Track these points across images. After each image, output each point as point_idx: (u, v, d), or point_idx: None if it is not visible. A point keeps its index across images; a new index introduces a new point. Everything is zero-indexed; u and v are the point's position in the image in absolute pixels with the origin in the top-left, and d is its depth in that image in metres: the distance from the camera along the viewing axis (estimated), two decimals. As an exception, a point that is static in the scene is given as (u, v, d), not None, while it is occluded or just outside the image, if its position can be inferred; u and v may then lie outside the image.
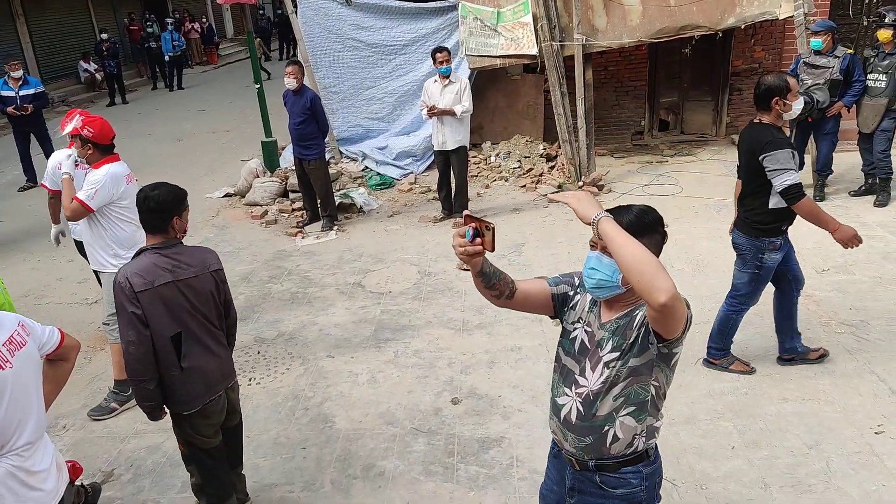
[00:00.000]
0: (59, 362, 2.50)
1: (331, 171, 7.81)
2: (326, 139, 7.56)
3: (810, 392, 4.06)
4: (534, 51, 7.91)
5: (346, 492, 3.54)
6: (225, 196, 8.61)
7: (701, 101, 9.51)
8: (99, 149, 4.05)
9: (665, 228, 2.09)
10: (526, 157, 8.70)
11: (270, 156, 8.84)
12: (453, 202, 7.24)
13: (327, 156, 7.56)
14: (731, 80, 9.23)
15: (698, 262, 5.85)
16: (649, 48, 8.80)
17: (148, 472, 3.81)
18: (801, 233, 6.18)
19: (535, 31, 7.88)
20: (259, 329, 5.29)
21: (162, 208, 2.85)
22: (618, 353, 2.04)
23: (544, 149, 8.81)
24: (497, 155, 8.92)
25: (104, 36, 16.66)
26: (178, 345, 2.88)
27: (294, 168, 7.58)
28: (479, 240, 1.96)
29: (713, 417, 3.88)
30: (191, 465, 3.15)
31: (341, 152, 8.98)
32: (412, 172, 8.71)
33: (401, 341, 4.98)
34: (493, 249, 2.00)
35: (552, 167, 8.48)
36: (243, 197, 8.35)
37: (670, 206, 7.05)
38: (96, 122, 4.04)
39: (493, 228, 1.96)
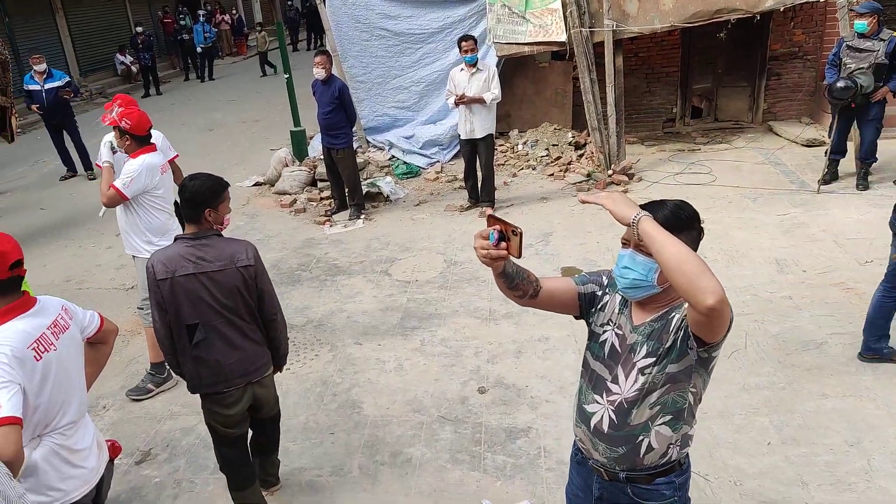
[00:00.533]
0: (98, 345, 2.55)
1: (358, 160, 7.82)
2: (354, 128, 7.56)
3: (851, 388, 3.95)
4: (563, 37, 7.79)
5: (374, 477, 3.55)
6: (255, 185, 8.69)
7: (736, 87, 9.30)
8: (136, 139, 4.13)
9: (701, 224, 1.98)
10: (554, 146, 8.60)
11: (299, 145, 8.89)
12: (480, 191, 7.19)
13: (355, 145, 7.57)
14: (769, 64, 8.99)
15: (732, 252, 5.72)
16: (682, 33, 8.61)
17: (183, 452, 3.88)
18: (841, 223, 6.06)
19: (564, 17, 7.76)
20: (289, 316, 5.28)
21: (195, 199, 2.86)
22: (653, 359, 1.94)
23: (573, 137, 8.70)
24: (524, 143, 8.83)
25: (139, 29, 16.94)
26: (192, 334, 2.89)
27: (322, 157, 7.61)
28: (503, 244, 1.85)
29: (748, 412, 3.79)
30: (214, 448, 3.22)
31: (368, 141, 8.98)
32: (438, 161, 8.68)
33: (427, 329, 4.97)
34: (519, 255, 1.87)
35: (581, 155, 8.37)
36: (272, 186, 8.41)
37: (703, 195, 6.90)
38: (134, 114, 4.11)
39: (521, 233, 1.84)
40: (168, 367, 3.07)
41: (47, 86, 9.19)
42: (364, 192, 7.50)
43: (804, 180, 7.13)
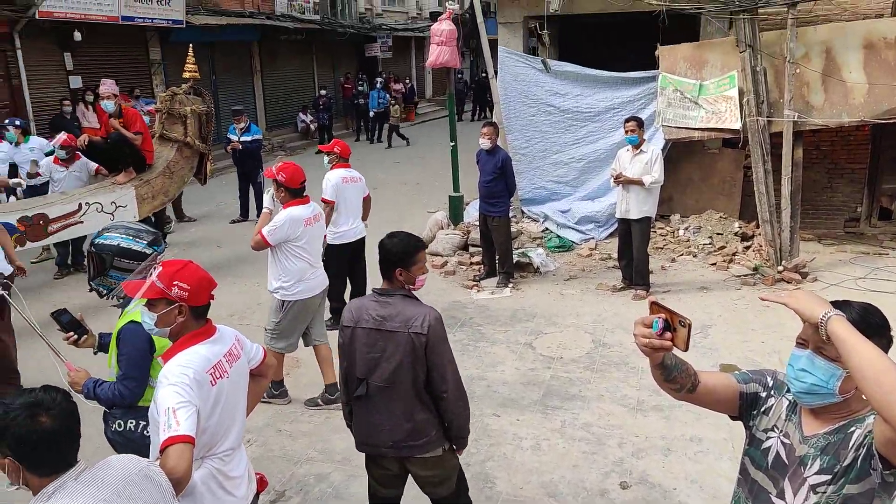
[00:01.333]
0: (258, 377, 2.66)
1: (512, 229, 7.89)
2: (511, 198, 7.68)
3: None
4: (737, 125, 7.52)
5: (502, 560, 3.40)
6: (434, 246, 8.98)
7: (934, 191, 8.43)
8: (289, 192, 4.61)
9: (892, 333, 1.78)
10: (718, 234, 8.19)
11: (456, 209, 9.15)
12: (633, 273, 6.96)
13: (510, 214, 7.67)
14: (974, 170, 8.10)
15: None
16: (872, 129, 8.00)
17: (314, 499, 3.95)
18: None
19: (741, 104, 7.50)
20: (429, 377, 5.36)
21: (387, 257, 2.92)
22: (829, 476, 1.73)
23: (740, 227, 8.24)
24: (686, 229, 8.49)
25: (323, 91, 18.62)
26: (357, 387, 2.93)
27: (477, 223, 7.76)
28: (668, 334, 1.74)
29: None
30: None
31: (523, 212, 9.07)
32: (593, 238, 8.55)
33: (569, 411, 4.79)
34: (686, 349, 1.75)
35: (748, 247, 7.89)
36: (426, 246, 8.67)
37: (892, 305, 6.19)
38: (289, 169, 4.62)
39: (690, 325, 1.72)
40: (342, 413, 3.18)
41: (243, 139, 10.34)
42: (514, 261, 7.53)
43: None
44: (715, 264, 7.61)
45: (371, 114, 19.60)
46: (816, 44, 7.52)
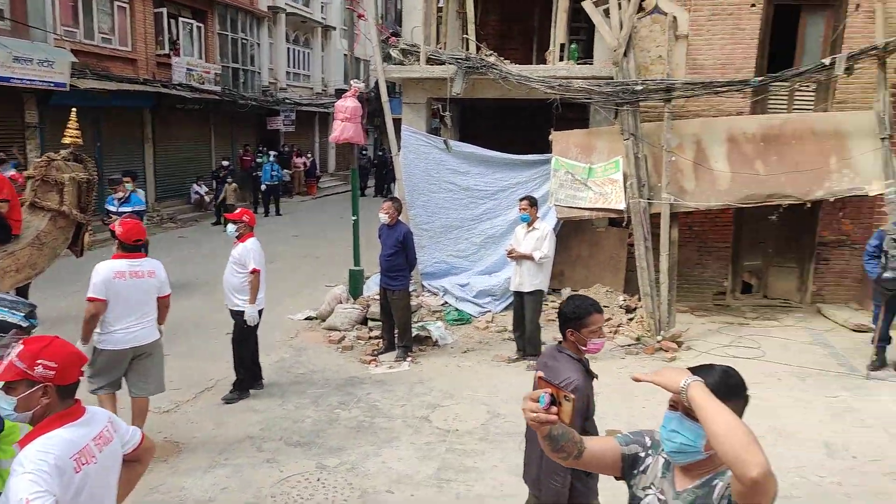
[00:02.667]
0: (133, 463, 2.47)
1: (412, 302, 8.04)
2: (412, 272, 7.86)
3: None
4: (622, 206, 8.15)
5: None
6: (306, 319, 8.92)
7: (785, 268, 9.39)
8: (121, 245, 4.97)
9: (747, 392, 2.00)
10: (605, 307, 8.68)
11: (356, 283, 9.21)
12: (525, 345, 7.25)
13: (410, 288, 7.84)
14: (818, 249, 9.12)
15: (781, 431, 5.55)
16: (736, 212, 8.90)
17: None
18: (892, 412, 5.82)
19: (624, 187, 8.17)
20: (321, 455, 5.26)
21: (560, 316, 3.22)
22: None
23: (624, 300, 8.80)
24: (575, 302, 8.94)
25: (225, 163, 18.13)
26: None
27: (377, 297, 7.86)
28: (554, 408, 1.85)
29: None
30: None
31: (423, 286, 9.27)
32: (490, 311, 8.84)
33: (464, 483, 4.85)
34: (570, 423, 1.88)
35: (631, 319, 8.42)
36: (324, 321, 8.64)
37: (752, 370, 6.78)
38: (127, 224, 5.06)
39: (574, 400, 1.85)
40: None
41: (123, 209, 9.74)
42: (413, 334, 7.64)
43: (853, 364, 6.99)
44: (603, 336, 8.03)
45: (262, 186, 19.38)
46: (689, 135, 8.40)
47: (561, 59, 9.53)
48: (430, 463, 5.15)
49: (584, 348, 3.16)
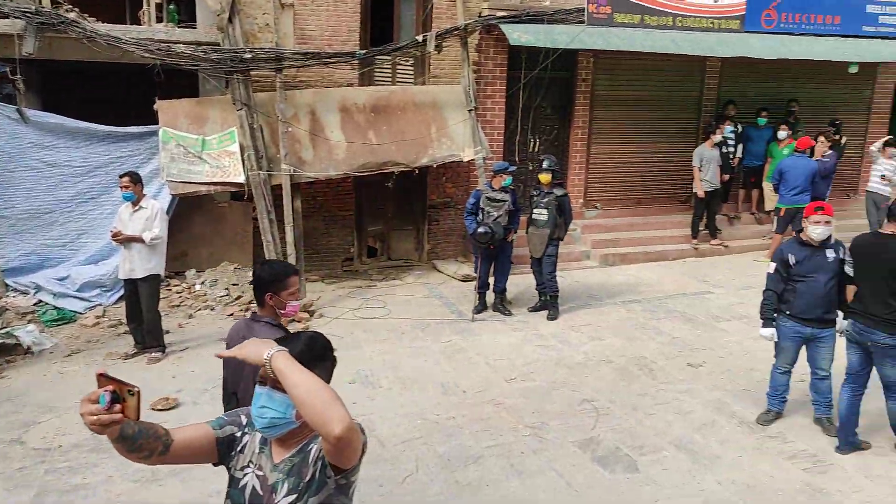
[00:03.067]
0: None
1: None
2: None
3: (512, 499, 4.24)
4: (241, 179, 7.85)
5: None
6: None
7: (405, 230, 10.22)
8: None
9: (334, 353, 2.04)
10: (234, 285, 8.34)
11: None
12: (145, 336, 6.54)
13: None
14: (429, 211, 10.11)
15: (405, 380, 6.00)
16: (355, 181, 9.31)
17: None
18: (491, 346, 6.79)
19: (242, 160, 7.85)
20: None
21: (256, 283, 3.18)
22: (295, 496, 1.87)
23: (254, 276, 8.56)
24: (203, 283, 8.42)
25: None
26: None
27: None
28: (117, 406, 1.67)
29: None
30: None
31: (7, 285, 7.66)
32: (100, 304, 7.75)
33: (71, 505, 4.15)
34: (137, 418, 1.72)
35: (263, 294, 8.24)
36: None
37: (379, 327, 7.25)
38: None
39: (139, 392, 1.71)
40: None
41: None
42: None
43: (462, 310, 7.95)
44: (233, 314, 7.71)
45: None
46: (303, 105, 8.41)
47: (160, 20, 8.69)
48: (25, 492, 4.30)
49: (282, 312, 3.16)
